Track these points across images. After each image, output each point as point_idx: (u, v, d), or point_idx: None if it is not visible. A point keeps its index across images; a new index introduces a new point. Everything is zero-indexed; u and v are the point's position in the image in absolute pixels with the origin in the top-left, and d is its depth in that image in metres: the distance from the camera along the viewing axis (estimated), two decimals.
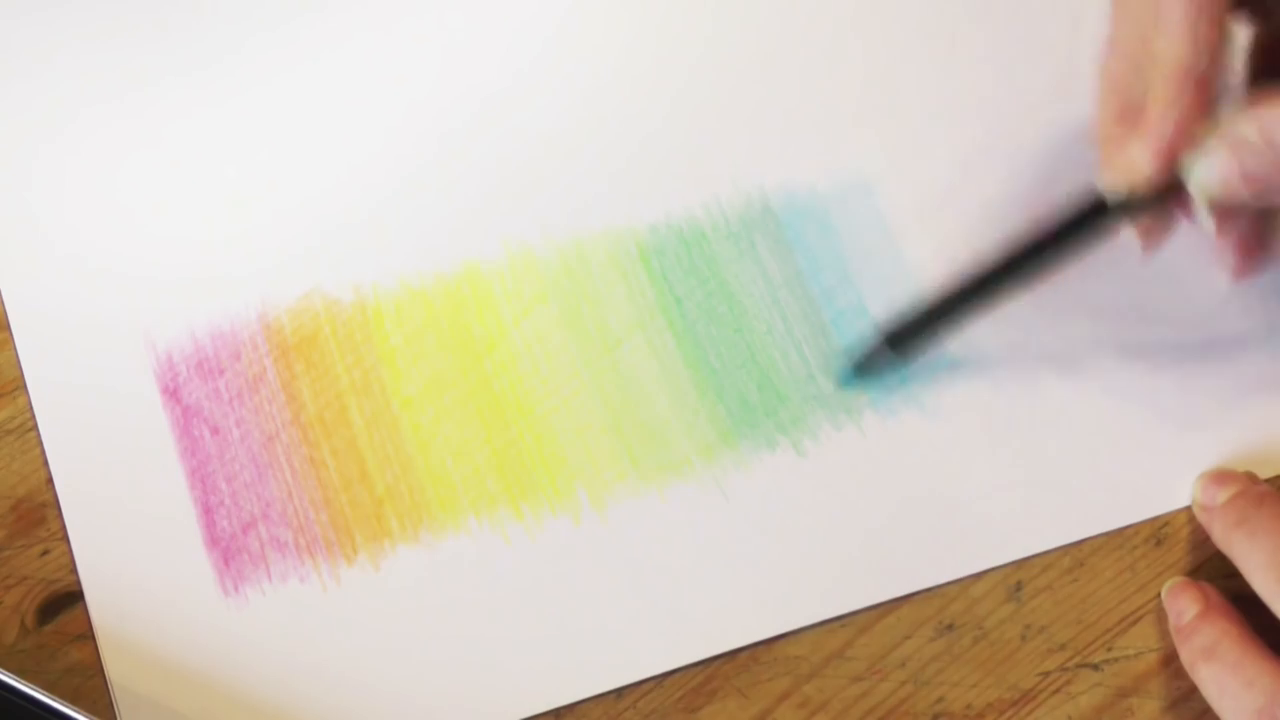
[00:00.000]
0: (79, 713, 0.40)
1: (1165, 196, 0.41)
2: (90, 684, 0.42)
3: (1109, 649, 0.43)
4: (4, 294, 0.46)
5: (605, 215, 0.47)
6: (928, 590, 0.44)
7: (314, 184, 0.47)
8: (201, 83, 0.48)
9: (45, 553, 0.44)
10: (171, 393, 0.45)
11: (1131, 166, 0.41)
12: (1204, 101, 0.40)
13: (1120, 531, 0.45)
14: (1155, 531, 0.45)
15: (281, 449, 0.45)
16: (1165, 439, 0.45)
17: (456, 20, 0.49)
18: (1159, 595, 0.44)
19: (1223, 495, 0.43)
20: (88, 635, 0.43)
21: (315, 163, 0.47)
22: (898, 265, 0.47)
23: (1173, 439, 0.45)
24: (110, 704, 0.42)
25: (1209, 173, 0.40)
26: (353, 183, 0.47)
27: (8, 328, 0.45)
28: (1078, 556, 0.44)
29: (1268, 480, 0.45)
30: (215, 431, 0.45)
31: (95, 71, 0.48)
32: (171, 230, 0.47)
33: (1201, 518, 0.44)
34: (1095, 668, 0.44)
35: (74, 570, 0.43)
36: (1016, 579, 0.44)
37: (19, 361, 0.45)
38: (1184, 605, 0.43)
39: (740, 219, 0.47)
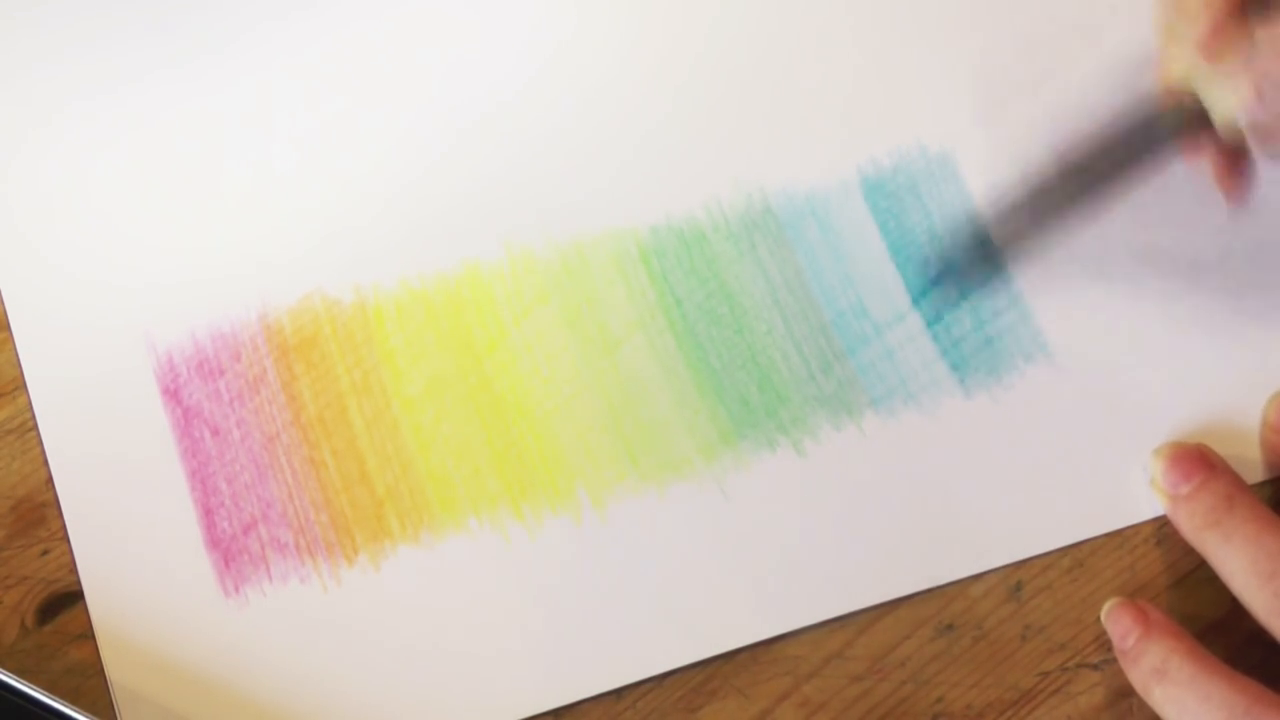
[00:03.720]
0: (79, 713, 0.40)
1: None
2: (90, 684, 0.43)
3: (1109, 649, 0.43)
4: (4, 294, 0.46)
5: (606, 216, 0.47)
6: (928, 590, 0.44)
7: (314, 185, 0.47)
8: (202, 83, 0.48)
9: (45, 553, 0.44)
10: (172, 393, 0.45)
11: (1171, 67, 0.42)
12: (1236, 4, 0.40)
13: (1120, 531, 0.45)
14: (1155, 531, 0.45)
15: (282, 450, 0.45)
16: (1166, 440, 0.45)
17: (457, 21, 0.49)
18: (1157, 595, 0.44)
19: (1186, 486, 0.43)
20: (88, 635, 0.43)
21: (316, 163, 0.47)
22: (898, 265, 0.47)
23: (1174, 440, 0.45)
24: (110, 704, 0.42)
25: (1227, 97, 0.41)
26: (353, 183, 0.47)
27: (8, 328, 0.45)
28: (1078, 556, 0.44)
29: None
30: (215, 432, 0.45)
31: (96, 71, 0.48)
32: (172, 231, 0.47)
33: (1164, 503, 0.44)
34: (1095, 668, 0.44)
35: (74, 570, 0.43)
36: (1016, 579, 0.44)
37: (19, 361, 0.45)
38: (1125, 628, 0.43)
39: (740, 219, 0.47)
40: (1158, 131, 0.43)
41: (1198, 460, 0.44)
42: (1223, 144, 0.43)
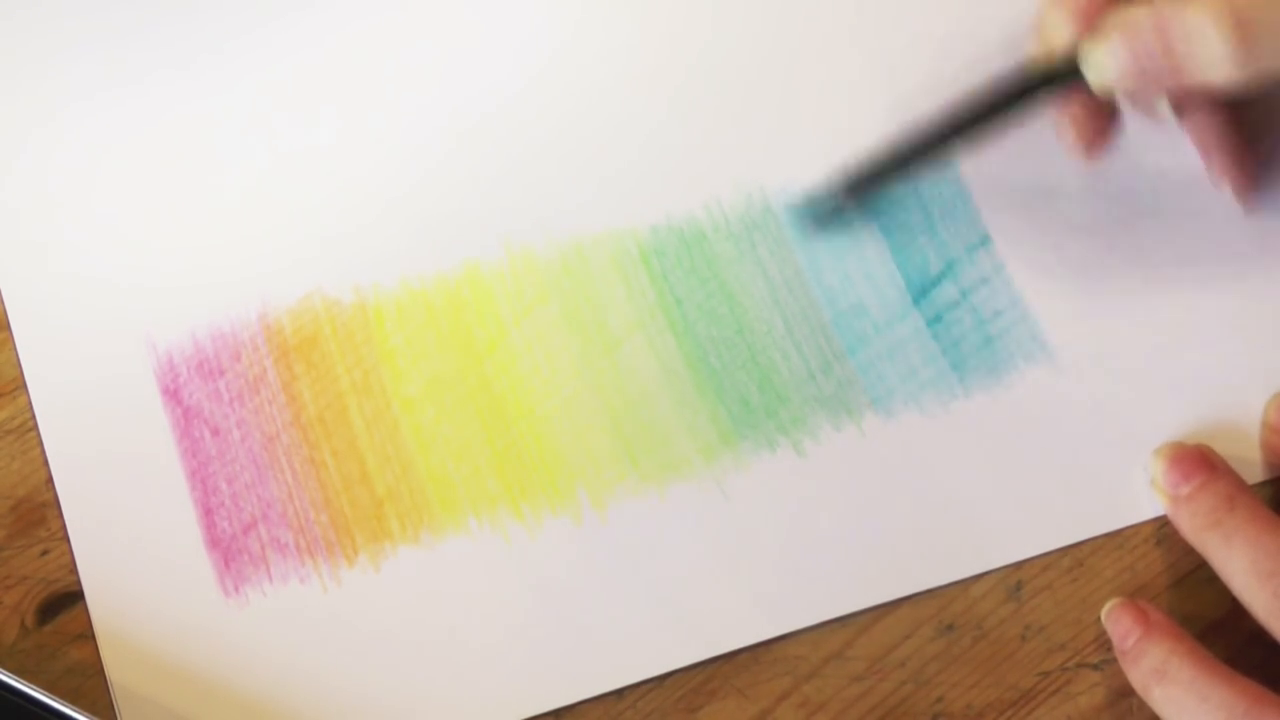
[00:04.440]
0: (79, 713, 0.40)
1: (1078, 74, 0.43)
2: (90, 684, 0.42)
3: (1109, 649, 0.43)
4: (4, 294, 0.46)
5: (606, 216, 0.47)
6: (928, 590, 0.44)
7: (314, 185, 0.47)
8: (202, 84, 0.48)
9: (45, 553, 0.44)
10: (172, 393, 0.45)
11: (1049, 33, 0.43)
12: None
13: (1120, 531, 0.45)
14: (1155, 531, 0.45)
15: (282, 450, 0.45)
16: (1166, 441, 0.45)
17: (456, 21, 0.49)
18: (1157, 595, 0.44)
19: (1186, 487, 0.43)
20: (88, 635, 0.43)
21: (316, 164, 0.47)
22: (898, 265, 0.47)
23: (1173, 441, 0.45)
24: (110, 704, 0.42)
25: (1102, 59, 0.42)
26: (353, 183, 0.47)
27: (8, 328, 0.45)
28: (1078, 556, 0.44)
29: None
30: (215, 432, 0.45)
31: (95, 73, 0.48)
32: (172, 231, 0.47)
33: (1164, 503, 0.44)
34: (1095, 668, 0.44)
35: (74, 570, 0.43)
36: (1016, 579, 0.44)
37: (19, 361, 0.45)
38: (1126, 628, 0.43)
39: (740, 219, 0.47)
40: (1030, 84, 0.44)
41: (1198, 461, 0.44)
42: (1092, 102, 0.44)
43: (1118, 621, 0.43)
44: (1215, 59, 0.40)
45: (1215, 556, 0.42)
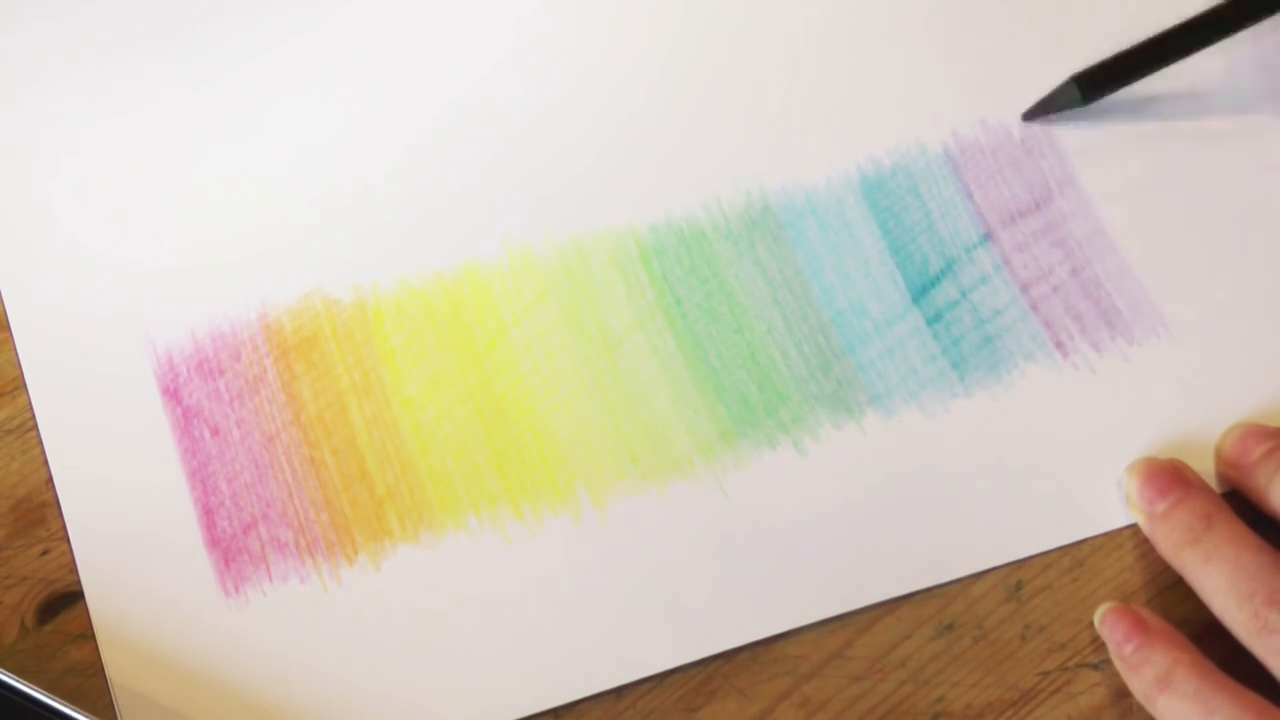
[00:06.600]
0: (79, 713, 0.40)
1: None
2: (90, 684, 0.43)
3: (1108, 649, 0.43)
4: (4, 294, 0.46)
5: (605, 215, 0.47)
6: (928, 590, 0.44)
7: (314, 184, 0.47)
8: (201, 85, 0.48)
9: (45, 553, 0.44)
10: (172, 393, 0.45)
11: None
12: None
13: (1119, 531, 0.45)
14: None
15: (282, 449, 0.45)
16: (1165, 440, 0.45)
17: (456, 19, 0.49)
18: (1156, 596, 0.44)
19: (1162, 504, 0.43)
20: (88, 635, 0.43)
21: (315, 163, 0.47)
22: (898, 264, 0.47)
23: (1173, 441, 0.45)
24: (110, 704, 0.42)
25: None
26: (352, 183, 0.47)
27: (8, 328, 0.45)
28: (1078, 556, 0.44)
29: None
30: (215, 432, 0.45)
31: (95, 74, 0.48)
32: (172, 230, 0.47)
33: (1140, 520, 0.44)
34: (1095, 668, 0.44)
35: (74, 570, 0.43)
36: (1016, 579, 0.44)
37: (19, 361, 0.45)
38: (1124, 634, 0.42)
39: (740, 219, 0.47)
40: None
41: (1173, 477, 0.43)
42: None
43: (1114, 627, 0.43)
44: None
45: (1193, 575, 0.42)
